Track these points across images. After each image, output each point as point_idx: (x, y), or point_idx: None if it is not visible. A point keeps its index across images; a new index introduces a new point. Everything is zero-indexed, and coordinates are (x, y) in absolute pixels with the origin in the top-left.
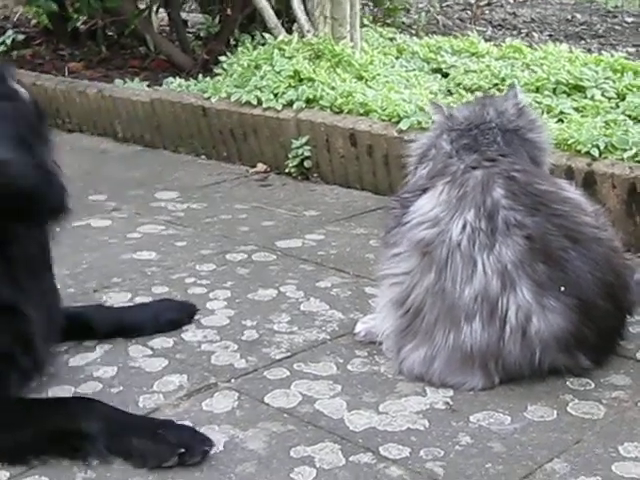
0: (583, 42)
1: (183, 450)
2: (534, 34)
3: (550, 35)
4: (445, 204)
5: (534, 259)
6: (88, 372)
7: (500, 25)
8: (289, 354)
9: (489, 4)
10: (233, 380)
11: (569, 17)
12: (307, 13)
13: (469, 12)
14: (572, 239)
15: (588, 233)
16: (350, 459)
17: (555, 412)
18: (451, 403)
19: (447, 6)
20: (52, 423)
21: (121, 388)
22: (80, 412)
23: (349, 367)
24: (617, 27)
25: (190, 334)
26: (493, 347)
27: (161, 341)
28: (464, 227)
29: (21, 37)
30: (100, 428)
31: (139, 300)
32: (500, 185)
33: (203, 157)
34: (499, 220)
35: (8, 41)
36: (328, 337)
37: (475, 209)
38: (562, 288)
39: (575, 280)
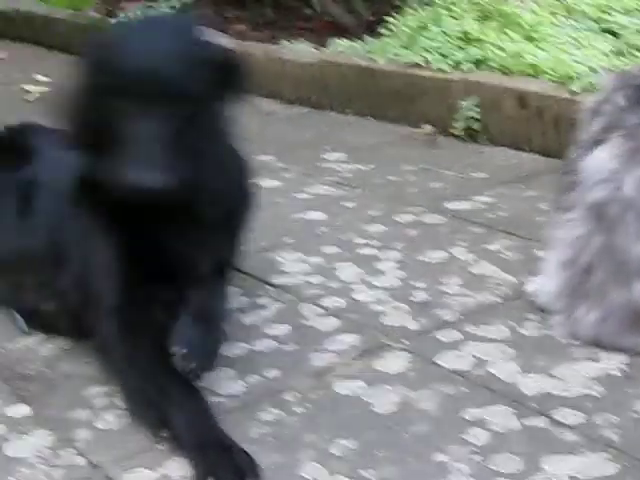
0: None
1: None
2: None
3: None
4: (619, 158)
5: None
6: (262, 330)
7: None
8: (461, 316)
9: None
10: (405, 341)
11: None
12: None
13: None
14: None
15: None
16: (524, 423)
17: None
18: (626, 370)
19: None
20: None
21: (295, 346)
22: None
23: (521, 330)
24: None
25: (362, 295)
26: None
27: (333, 301)
28: (637, 182)
29: (189, 0)
30: None
31: (312, 260)
32: None
33: (370, 118)
34: None
35: (177, 3)
36: (500, 300)
37: None
38: None
39: None
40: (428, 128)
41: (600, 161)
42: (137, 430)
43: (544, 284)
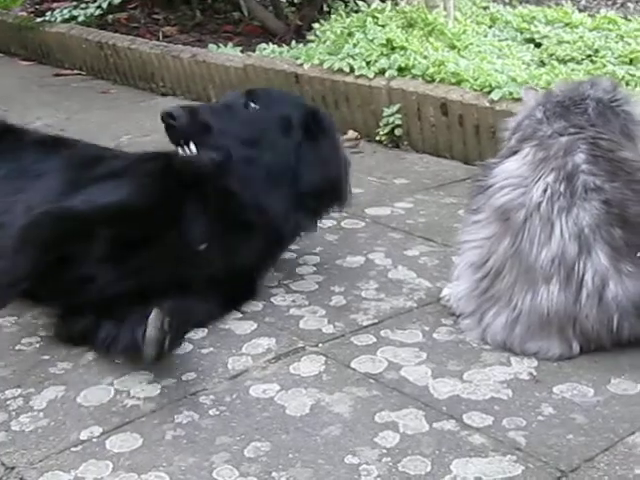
0: None
1: None
2: (629, 4)
3: None
4: (529, 165)
5: (611, 224)
6: None
7: None
8: (376, 321)
9: None
10: (320, 344)
11: None
12: None
13: None
14: None
15: None
16: (434, 425)
17: (638, 386)
18: (535, 374)
19: None
20: None
21: (211, 349)
22: None
23: (435, 335)
24: None
25: (279, 298)
26: (570, 310)
27: (250, 304)
28: (545, 190)
29: (117, 1)
30: None
31: None
32: (582, 150)
33: None
34: (578, 184)
35: (104, 4)
36: (415, 305)
37: (556, 172)
38: (638, 254)
39: None
40: (352, 134)
41: (511, 167)
42: (52, 432)
43: (455, 287)
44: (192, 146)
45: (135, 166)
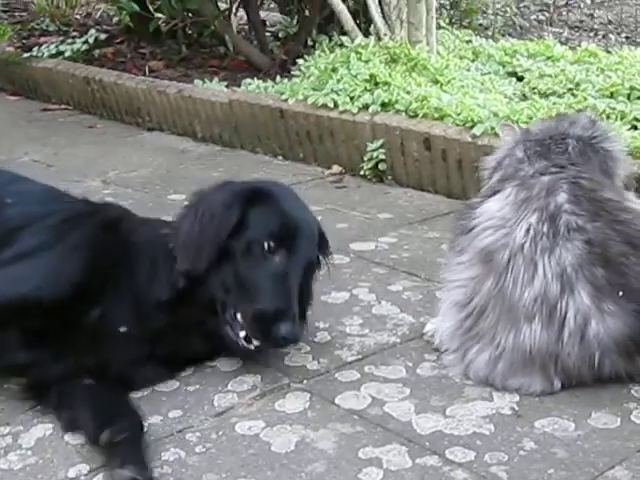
0: None
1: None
2: (611, 36)
3: (627, 37)
4: (511, 206)
5: (593, 263)
6: None
7: (577, 27)
8: (360, 356)
9: (566, 4)
10: (305, 381)
11: None
12: (384, 16)
13: (546, 13)
14: (633, 245)
15: None
16: (417, 461)
17: (619, 420)
18: (517, 408)
19: (524, 7)
20: None
21: (197, 386)
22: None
23: (418, 371)
24: None
25: None
26: (552, 348)
27: None
28: (528, 230)
29: (103, 36)
30: None
31: None
32: (565, 190)
33: (280, 158)
34: (561, 224)
35: (91, 40)
36: (398, 340)
37: (539, 212)
38: (620, 293)
39: (635, 286)
40: (337, 169)
41: (493, 208)
42: (41, 470)
43: (440, 324)
44: None
45: (61, 234)
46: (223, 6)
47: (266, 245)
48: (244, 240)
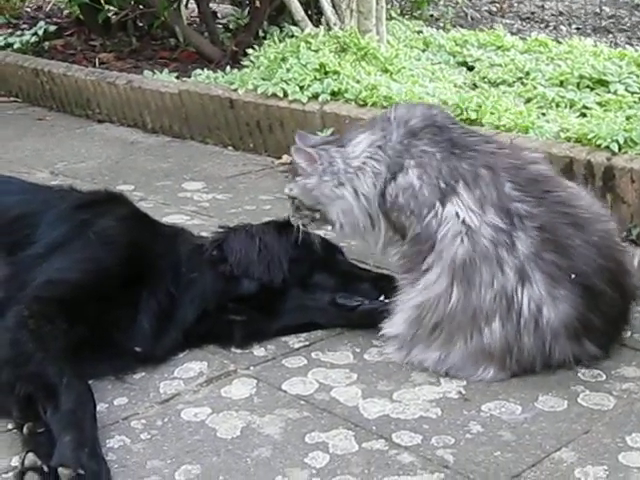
0: (610, 36)
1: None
2: (562, 27)
3: (578, 28)
4: (468, 208)
5: (545, 249)
6: None
7: (528, 18)
8: (307, 343)
9: None
10: (252, 367)
11: (597, 10)
12: (334, 6)
13: (497, 5)
14: (576, 226)
15: (588, 218)
16: (363, 445)
17: (565, 402)
18: (464, 392)
19: None
20: None
21: (143, 374)
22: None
23: (365, 356)
24: None
25: None
26: (512, 342)
27: None
28: (490, 229)
29: (53, 28)
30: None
31: None
32: (505, 178)
33: (230, 148)
34: (512, 214)
35: (40, 32)
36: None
37: (494, 209)
38: (572, 276)
39: (581, 267)
40: (287, 158)
41: (455, 215)
42: None
43: (393, 323)
44: None
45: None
46: None
47: None
48: None
